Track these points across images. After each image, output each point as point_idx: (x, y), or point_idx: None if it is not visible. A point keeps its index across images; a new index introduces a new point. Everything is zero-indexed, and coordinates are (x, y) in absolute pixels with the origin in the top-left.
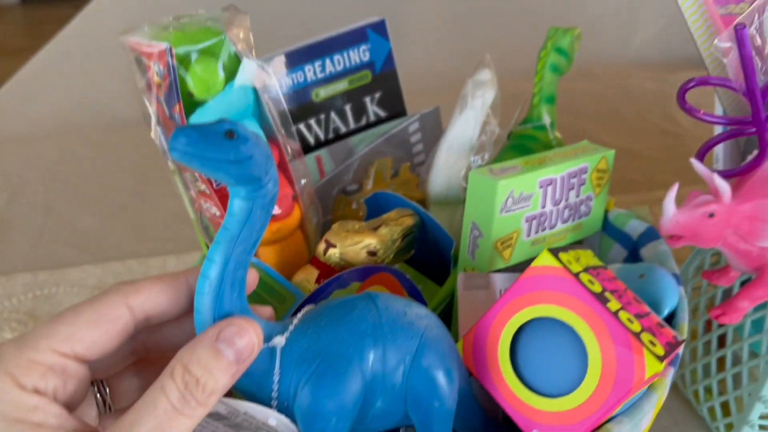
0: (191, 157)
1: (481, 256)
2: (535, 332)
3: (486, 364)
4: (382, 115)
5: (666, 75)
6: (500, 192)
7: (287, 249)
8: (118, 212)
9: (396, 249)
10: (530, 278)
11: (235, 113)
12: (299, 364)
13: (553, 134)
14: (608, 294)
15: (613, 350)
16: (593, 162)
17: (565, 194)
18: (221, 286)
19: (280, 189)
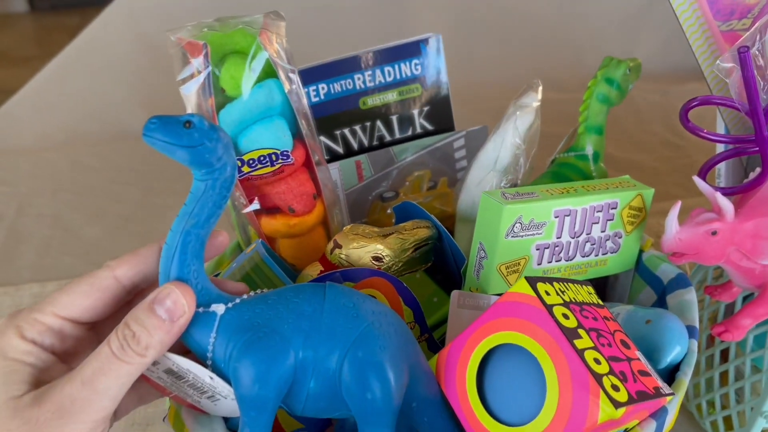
0: (154, 141)
1: (485, 277)
2: (504, 358)
3: (454, 383)
4: (429, 128)
5: (669, 87)
6: (506, 216)
7: (306, 243)
8: (124, 223)
9: (407, 258)
10: (504, 303)
11: (263, 111)
12: (237, 332)
13: (596, 165)
14: (582, 331)
15: (570, 388)
16: (625, 198)
17: (587, 227)
18: (179, 253)
19: (300, 187)
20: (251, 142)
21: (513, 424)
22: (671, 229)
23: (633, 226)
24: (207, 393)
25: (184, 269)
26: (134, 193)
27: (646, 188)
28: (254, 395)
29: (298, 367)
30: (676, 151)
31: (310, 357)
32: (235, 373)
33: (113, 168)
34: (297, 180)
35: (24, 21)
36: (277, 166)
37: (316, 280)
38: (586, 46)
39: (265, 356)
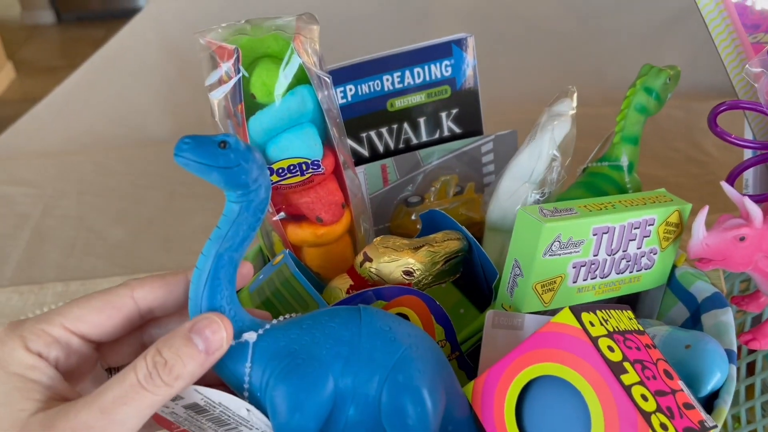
0: (187, 162)
1: (519, 295)
2: (545, 389)
3: (492, 411)
4: (457, 131)
5: (692, 104)
6: (545, 235)
7: (333, 253)
8: (147, 226)
9: (437, 272)
10: (547, 334)
11: (294, 118)
12: (273, 359)
13: (630, 176)
14: (627, 364)
15: (617, 427)
16: (662, 215)
17: (623, 244)
18: (211, 278)
19: (329, 196)
20: (281, 151)
21: None
22: (698, 234)
23: (668, 242)
24: (230, 426)
25: (216, 295)
26: (157, 197)
27: (684, 203)
28: (293, 425)
29: (338, 394)
30: (700, 167)
31: (349, 383)
32: (273, 401)
33: (137, 172)
34: (326, 189)
35: (51, 32)
36: (307, 175)
37: (348, 298)
38: (608, 62)
39: (305, 384)
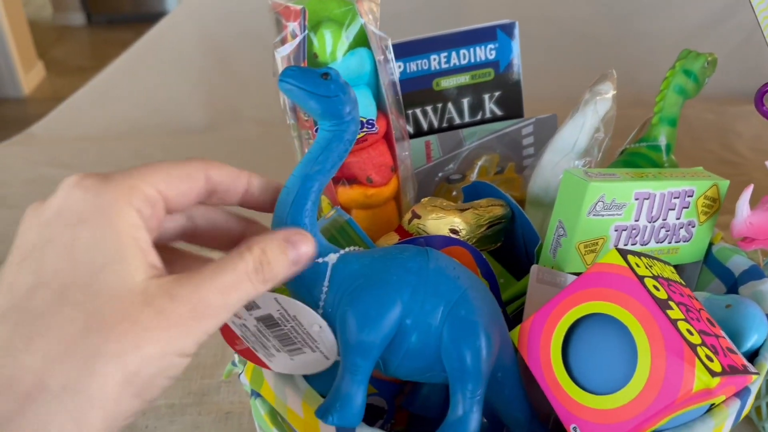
0: (292, 88)
1: (562, 255)
2: (590, 328)
3: (538, 352)
4: (499, 114)
5: (724, 107)
6: (590, 193)
7: (379, 216)
8: None
9: (480, 235)
10: (594, 274)
11: (352, 78)
12: (346, 279)
13: (668, 157)
14: (672, 303)
15: (663, 356)
16: (701, 187)
17: (663, 213)
18: (299, 196)
19: (380, 157)
20: None
21: (600, 394)
22: (742, 213)
23: (707, 216)
24: (295, 345)
25: (301, 214)
26: None
27: (721, 179)
28: (360, 341)
29: (403, 319)
30: (733, 168)
31: (416, 310)
32: (344, 317)
33: (174, 158)
34: (377, 150)
35: (81, 34)
36: (361, 134)
37: (400, 242)
38: (640, 65)
39: (375, 302)
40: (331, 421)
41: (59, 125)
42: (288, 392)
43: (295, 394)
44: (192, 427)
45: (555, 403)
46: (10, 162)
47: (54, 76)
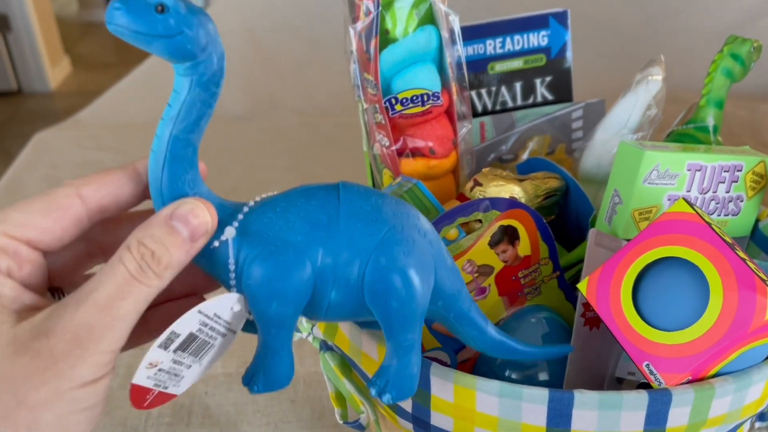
0: (122, 31)
1: (617, 222)
2: (660, 272)
3: (608, 299)
4: (549, 98)
5: (758, 104)
6: (645, 162)
7: (438, 187)
8: (229, 194)
9: (537, 205)
10: (663, 222)
11: (420, 54)
12: (248, 246)
13: (715, 137)
14: (737, 247)
15: (736, 290)
16: (750, 163)
17: (713, 185)
18: (169, 162)
19: (443, 130)
20: (406, 83)
21: (672, 331)
22: None
23: (754, 191)
24: (207, 345)
25: (178, 180)
26: (238, 168)
27: None
28: (272, 313)
29: (317, 278)
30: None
31: (329, 266)
32: (249, 291)
33: (217, 146)
34: (440, 123)
35: (106, 30)
36: (427, 106)
37: (465, 204)
38: (674, 62)
39: (280, 271)
40: (256, 390)
41: (104, 112)
42: (364, 339)
43: (372, 340)
44: (249, 394)
45: (627, 345)
46: (60, 145)
47: (79, 71)
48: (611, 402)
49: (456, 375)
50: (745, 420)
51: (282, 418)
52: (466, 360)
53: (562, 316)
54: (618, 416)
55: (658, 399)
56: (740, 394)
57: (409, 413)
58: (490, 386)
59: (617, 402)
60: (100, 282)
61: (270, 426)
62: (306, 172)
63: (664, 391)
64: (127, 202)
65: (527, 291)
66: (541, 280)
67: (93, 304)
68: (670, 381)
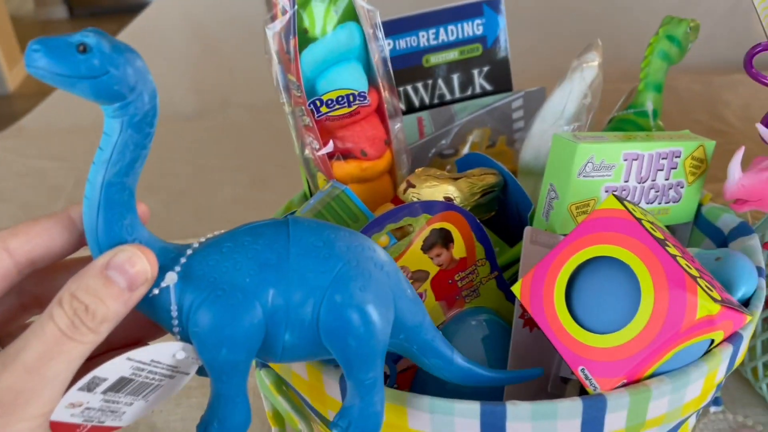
0: (43, 74)
1: (554, 217)
2: (592, 272)
3: (541, 302)
4: (488, 89)
5: (712, 77)
6: (579, 155)
7: (374, 189)
8: (177, 197)
9: (474, 203)
10: (593, 221)
11: (342, 52)
12: (193, 291)
13: (655, 122)
14: (669, 243)
15: (666, 289)
16: (688, 148)
17: (652, 174)
18: (104, 209)
19: (374, 130)
20: (330, 83)
21: (606, 333)
22: (734, 175)
23: (694, 176)
24: (151, 386)
25: (114, 226)
26: (187, 170)
27: (708, 140)
28: (222, 360)
29: (269, 322)
30: (722, 137)
31: (281, 308)
32: (197, 338)
33: (165, 147)
34: (370, 123)
35: (64, 27)
36: (354, 107)
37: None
38: (627, 39)
39: (228, 316)
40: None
41: (48, 118)
42: None
43: None
44: (198, 409)
45: (562, 349)
46: (1, 156)
47: None
48: (545, 412)
49: (386, 392)
50: (688, 416)
51: None
52: (406, 369)
53: (502, 317)
54: (553, 426)
55: (592, 405)
56: (678, 393)
57: None
58: (421, 402)
59: (551, 412)
60: (28, 341)
61: None
62: (258, 171)
63: (599, 397)
64: (60, 252)
65: (465, 294)
66: (479, 281)
67: (20, 366)
68: (605, 385)
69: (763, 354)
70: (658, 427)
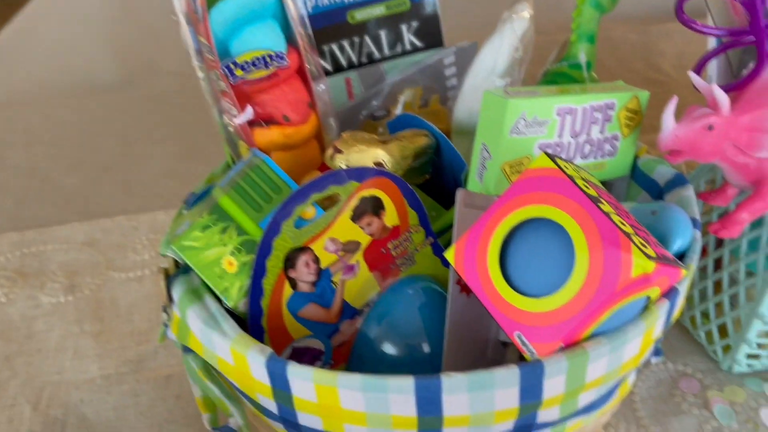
0: None
1: (488, 178)
2: (526, 234)
3: (475, 267)
4: (419, 45)
5: (649, 27)
6: (510, 111)
7: (301, 156)
8: (103, 172)
9: (406, 167)
10: (525, 180)
11: (256, 10)
12: None
13: (589, 74)
14: (603, 200)
15: (600, 248)
16: (622, 99)
17: (586, 128)
18: None
19: (295, 93)
20: (244, 44)
21: (541, 297)
22: (667, 126)
23: (629, 129)
24: None
25: None
26: (112, 144)
27: (642, 91)
28: None
29: None
30: (659, 86)
31: None
32: None
33: (88, 120)
34: (291, 86)
35: None
36: (271, 69)
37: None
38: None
39: None
40: None
41: None
42: (216, 340)
43: (224, 341)
44: (131, 395)
45: (497, 315)
46: None
47: None
48: (481, 382)
49: (315, 373)
50: (628, 374)
51: (167, 417)
52: (342, 344)
53: (441, 284)
54: (491, 396)
55: (530, 372)
56: (616, 353)
57: (276, 415)
58: (352, 381)
59: (488, 381)
60: None
61: (154, 428)
62: (189, 141)
63: (536, 364)
64: None
65: (400, 262)
66: (414, 248)
67: None
68: (542, 351)
69: (700, 303)
70: (597, 388)
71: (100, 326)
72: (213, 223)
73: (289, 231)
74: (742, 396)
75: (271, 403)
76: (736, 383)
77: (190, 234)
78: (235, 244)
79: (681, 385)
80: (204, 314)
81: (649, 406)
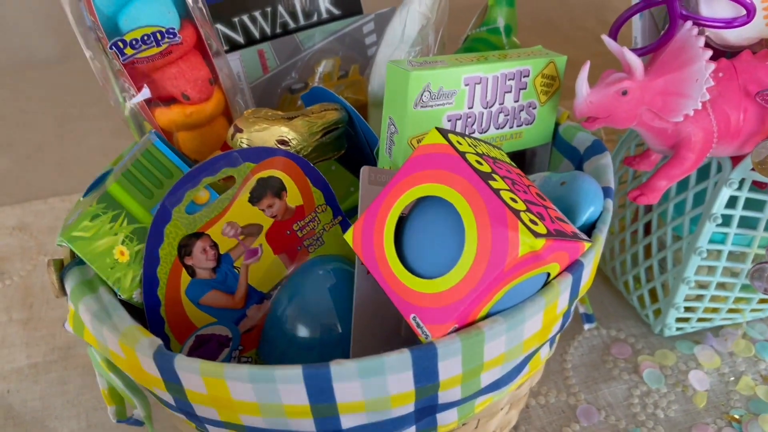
0: None
1: (397, 153)
2: (420, 214)
3: (372, 248)
4: (336, 13)
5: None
6: (413, 84)
7: (207, 135)
8: (35, 152)
9: (316, 143)
10: (416, 159)
11: None
12: None
13: (508, 39)
14: (496, 176)
15: (488, 226)
16: (537, 66)
17: (499, 97)
18: None
19: (194, 70)
20: (132, 20)
21: (435, 278)
22: (581, 92)
23: (547, 96)
24: None
25: None
26: (47, 121)
27: (559, 56)
28: None
29: None
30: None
31: None
32: None
33: (22, 97)
34: (189, 63)
35: None
36: (163, 46)
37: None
38: None
39: None
40: None
41: None
42: (106, 334)
43: (113, 335)
44: (59, 383)
45: (393, 297)
46: None
47: None
48: (373, 368)
49: (201, 365)
50: (535, 350)
51: (94, 405)
52: (251, 329)
53: (351, 264)
54: (383, 381)
55: (422, 356)
56: (515, 330)
57: (175, 406)
58: (239, 373)
59: (379, 367)
60: None
61: (81, 417)
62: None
63: (429, 346)
64: None
65: (308, 243)
66: (322, 228)
67: None
68: (436, 332)
69: (633, 267)
70: (501, 366)
71: (29, 313)
72: (102, 212)
73: (181, 217)
74: (672, 359)
75: (167, 395)
76: (668, 347)
77: (79, 224)
78: (126, 232)
79: (613, 350)
80: (95, 307)
81: (581, 373)
